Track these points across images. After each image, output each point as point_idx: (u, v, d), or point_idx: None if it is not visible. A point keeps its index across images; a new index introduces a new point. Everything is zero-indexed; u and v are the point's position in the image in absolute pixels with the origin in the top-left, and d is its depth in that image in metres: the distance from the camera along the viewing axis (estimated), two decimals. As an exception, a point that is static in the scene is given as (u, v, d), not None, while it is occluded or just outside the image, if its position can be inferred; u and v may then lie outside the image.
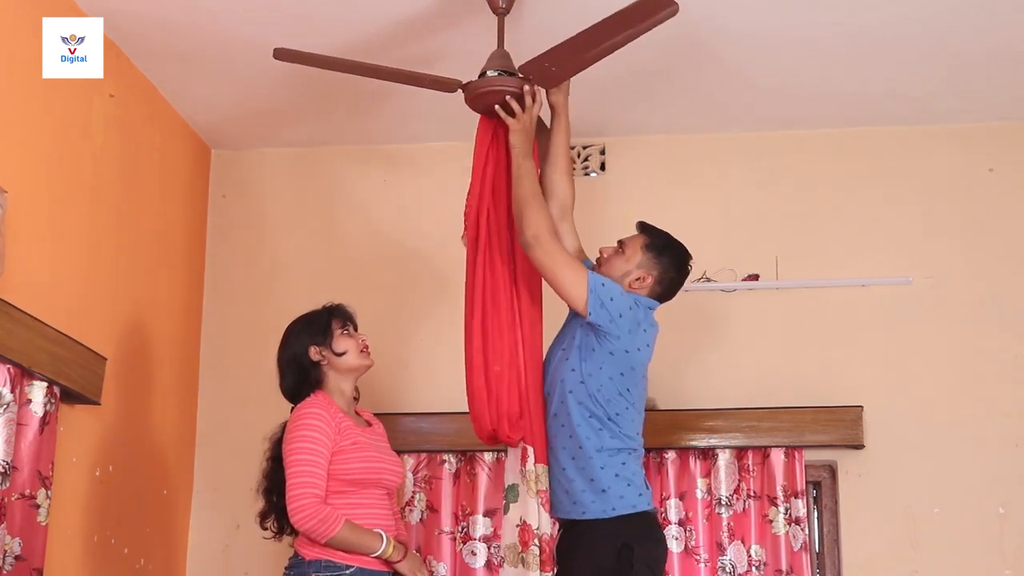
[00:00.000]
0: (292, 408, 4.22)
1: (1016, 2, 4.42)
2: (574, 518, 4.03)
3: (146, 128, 5.09)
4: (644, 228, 4.28)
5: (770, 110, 5.31)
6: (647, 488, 4.08)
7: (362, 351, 4.28)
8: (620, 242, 4.26)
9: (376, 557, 4.04)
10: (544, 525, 4.05)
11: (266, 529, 4.23)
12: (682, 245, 4.29)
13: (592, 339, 4.06)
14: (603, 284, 4.03)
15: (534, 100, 4.15)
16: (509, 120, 4.15)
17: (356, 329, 4.34)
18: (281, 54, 4.19)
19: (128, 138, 4.90)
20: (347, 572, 4.01)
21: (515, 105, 4.12)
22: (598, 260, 4.27)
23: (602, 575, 3.90)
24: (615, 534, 3.93)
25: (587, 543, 3.97)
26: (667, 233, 4.28)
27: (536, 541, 4.00)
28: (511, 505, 4.10)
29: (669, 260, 4.24)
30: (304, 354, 4.24)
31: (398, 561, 4.09)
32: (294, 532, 4.12)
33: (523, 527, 4.04)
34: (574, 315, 4.17)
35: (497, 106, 4.14)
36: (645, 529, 4.01)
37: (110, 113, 4.72)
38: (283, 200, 5.68)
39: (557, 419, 4.10)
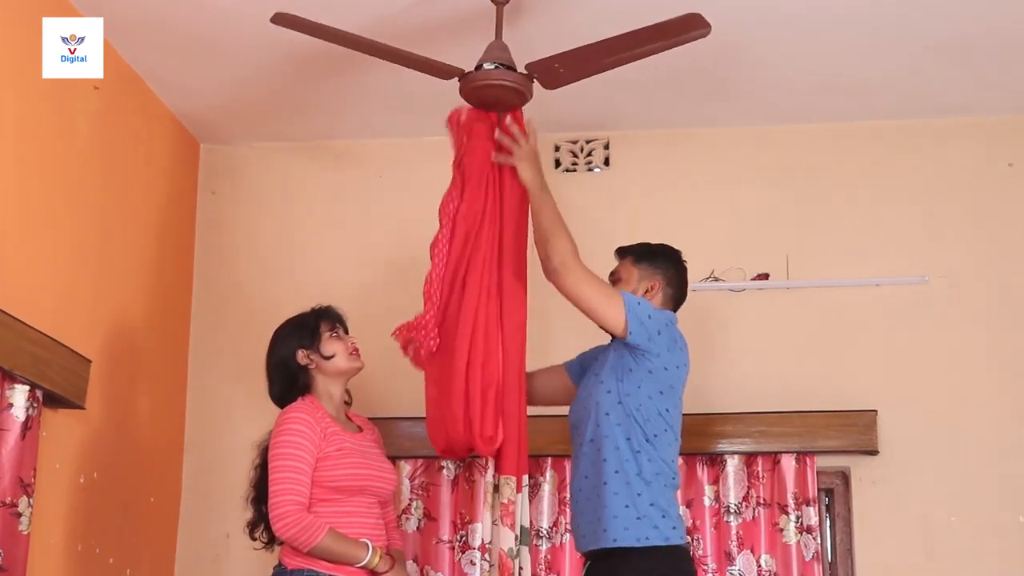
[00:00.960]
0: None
1: None
2: (604, 547, 3.98)
3: (132, 121, 5.11)
4: (623, 249, 4.36)
5: (780, 103, 5.32)
6: (681, 522, 4.08)
7: (351, 354, 4.31)
8: (612, 274, 4.32)
9: (362, 567, 4.07)
10: (503, 541, 4.10)
11: (255, 539, 4.27)
12: (666, 244, 4.38)
13: (629, 359, 4.07)
14: (639, 302, 4.06)
15: (522, 129, 4.24)
16: (511, 159, 4.21)
17: (346, 331, 4.38)
18: (280, 19, 4.18)
19: (113, 131, 4.92)
20: None
21: (513, 132, 4.20)
22: None
23: None
24: (647, 568, 3.92)
25: (609, 567, 3.96)
26: (646, 242, 4.37)
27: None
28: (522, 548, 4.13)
29: (664, 260, 4.31)
30: (292, 358, 4.28)
31: (384, 572, 4.11)
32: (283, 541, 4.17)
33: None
34: (599, 350, 4.24)
35: (494, 154, 4.23)
36: (678, 564, 4.01)
37: (94, 106, 4.75)
38: (275, 196, 5.70)
39: (593, 444, 4.09)
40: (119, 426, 4.87)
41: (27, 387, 4.01)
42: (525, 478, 4.19)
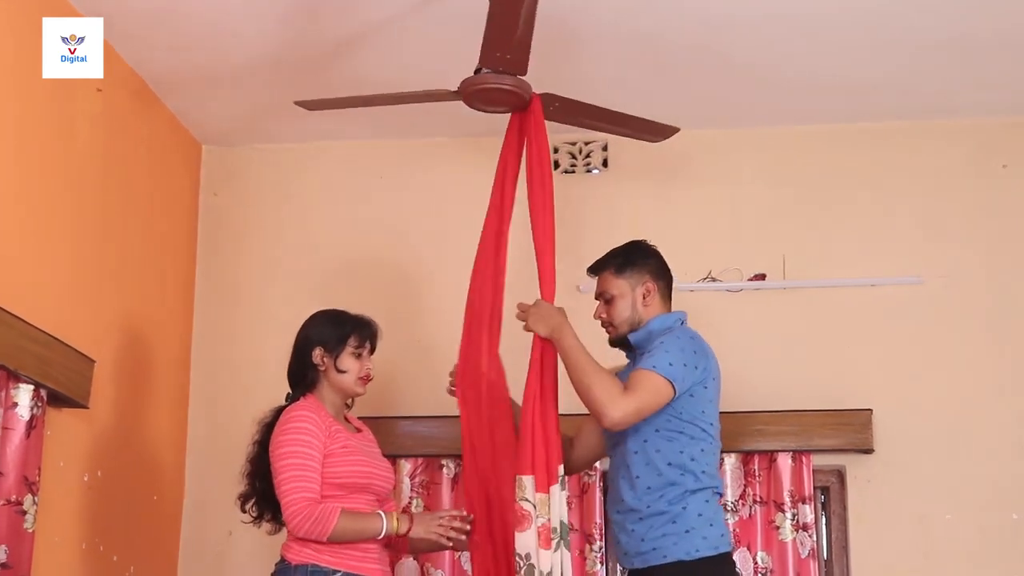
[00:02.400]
0: (283, 406, 4.25)
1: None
2: (653, 564, 3.92)
3: (134, 123, 5.10)
4: (597, 266, 4.27)
5: (777, 104, 5.33)
6: (728, 529, 4.05)
7: (360, 379, 4.27)
8: (601, 294, 4.23)
9: (384, 537, 4.07)
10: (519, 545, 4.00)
11: (245, 512, 4.26)
12: (630, 242, 4.30)
13: None
14: (670, 364, 3.92)
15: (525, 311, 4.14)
16: (531, 327, 4.13)
17: (372, 352, 4.33)
18: (305, 104, 4.36)
19: (115, 133, 4.91)
20: None
21: (523, 307, 4.15)
22: (605, 322, 4.23)
23: None
24: (692, 572, 3.86)
25: None
26: (609, 252, 4.27)
27: None
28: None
29: (641, 257, 4.23)
30: (309, 350, 4.26)
31: (407, 531, 4.10)
32: (275, 520, 4.16)
33: None
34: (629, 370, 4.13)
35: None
36: (723, 569, 3.94)
37: (96, 108, 4.73)
38: (276, 196, 5.69)
39: (635, 463, 4.00)
40: (123, 425, 4.87)
41: (31, 387, 3.99)
42: (562, 476, 4.01)
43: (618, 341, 4.21)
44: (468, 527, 4.18)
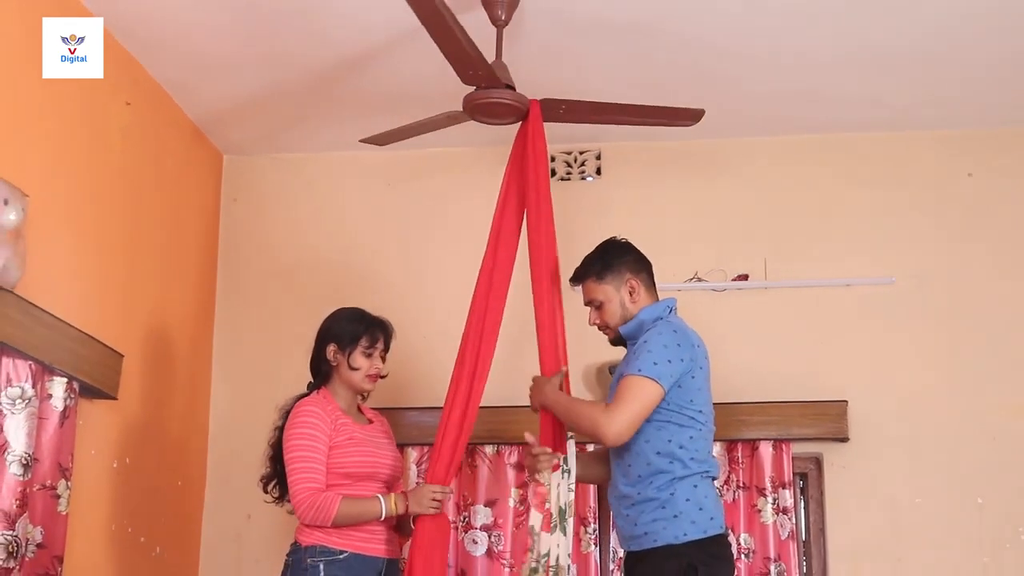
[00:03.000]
0: (303, 395, 4.27)
1: (989, 21, 4.46)
2: (646, 548, 3.87)
3: (160, 134, 5.11)
4: (578, 276, 4.15)
5: (759, 117, 5.33)
6: (719, 510, 3.92)
7: (368, 377, 4.27)
8: (589, 302, 4.13)
9: (387, 519, 4.08)
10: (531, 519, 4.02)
11: (268, 493, 4.28)
12: (602, 245, 4.17)
13: None
14: (654, 363, 3.83)
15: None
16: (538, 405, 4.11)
17: (386, 351, 4.32)
18: (374, 140, 4.45)
19: (143, 144, 4.92)
20: (340, 556, 4.06)
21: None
22: (601, 327, 4.14)
23: None
24: (681, 555, 3.79)
25: (651, 564, 3.86)
26: (585, 259, 4.15)
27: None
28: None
29: (616, 256, 4.11)
30: (324, 346, 4.28)
31: (406, 510, 4.11)
32: None
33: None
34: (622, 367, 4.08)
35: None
36: (714, 550, 3.85)
37: (126, 120, 4.75)
38: (292, 203, 5.69)
39: (629, 445, 3.91)
40: (149, 415, 4.88)
41: (65, 379, 4.02)
42: (565, 465, 4.00)
43: (617, 340, 4.14)
44: (450, 496, 4.27)
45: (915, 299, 5.27)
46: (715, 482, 4.03)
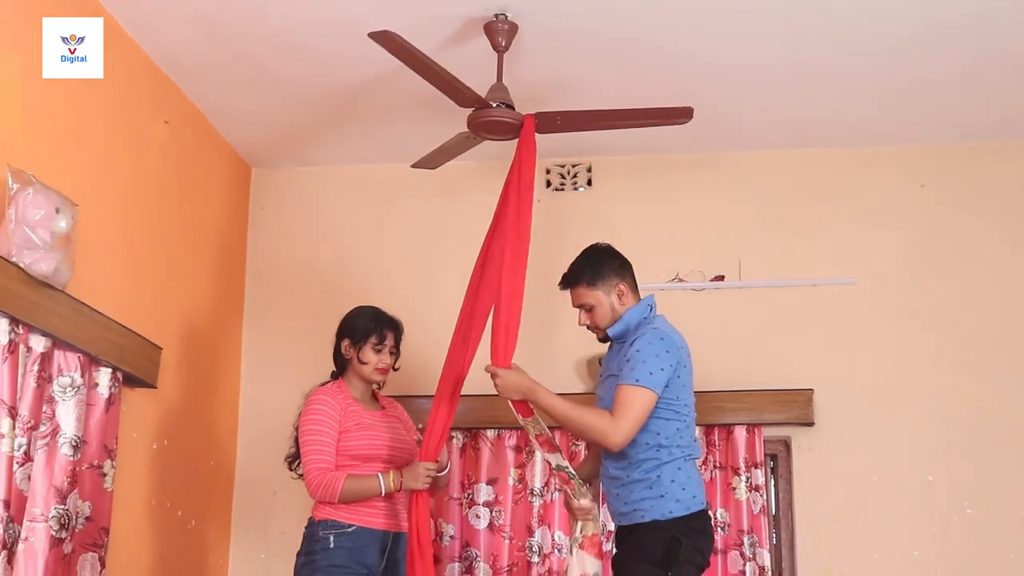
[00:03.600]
0: (325, 383, 4.29)
1: (938, 43, 4.47)
2: (636, 522, 3.88)
3: (196, 150, 5.12)
4: (567, 282, 4.10)
5: (734, 134, 5.34)
6: (700, 489, 3.92)
7: (377, 370, 4.27)
8: (580, 305, 4.08)
9: (386, 495, 4.08)
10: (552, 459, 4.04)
11: (293, 471, 4.30)
12: (586, 251, 4.12)
13: None
14: (650, 374, 3.82)
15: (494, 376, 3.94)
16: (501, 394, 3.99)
17: (396, 345, 4.32)
18: (423, 164, 4.32)
19: (180, 158, 4.93)
20: (348, 530, 4.07)
21: (490, 371, 3.95)
22: (592, 328, 4.11)
23: (652, 562, 3.79)
24: (667, 529, 3.81)
25: (640, 538, 3.87)
26: (573, 265, 4.10)
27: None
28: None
29: (604, 263, 4.07)
30: (340, 341, 4.30)
31: (400, 486, 4.09)
32: None
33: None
34: (610, 360, 4.07)
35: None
36: (694, 524, 3.85)
37: (164, 137, 4.78)
38: (314, 210, 5.70)
39: None
40: (185, 402, 4.90)
41: (110, 370, 4.05)
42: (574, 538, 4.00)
43: (605, 338, 4.11)
44: (442, 473, 4.23)
45: (874, 298, 5.28)
46: (696, 463, 4.03)
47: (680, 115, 3.98)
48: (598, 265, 4.06)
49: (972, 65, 4.64)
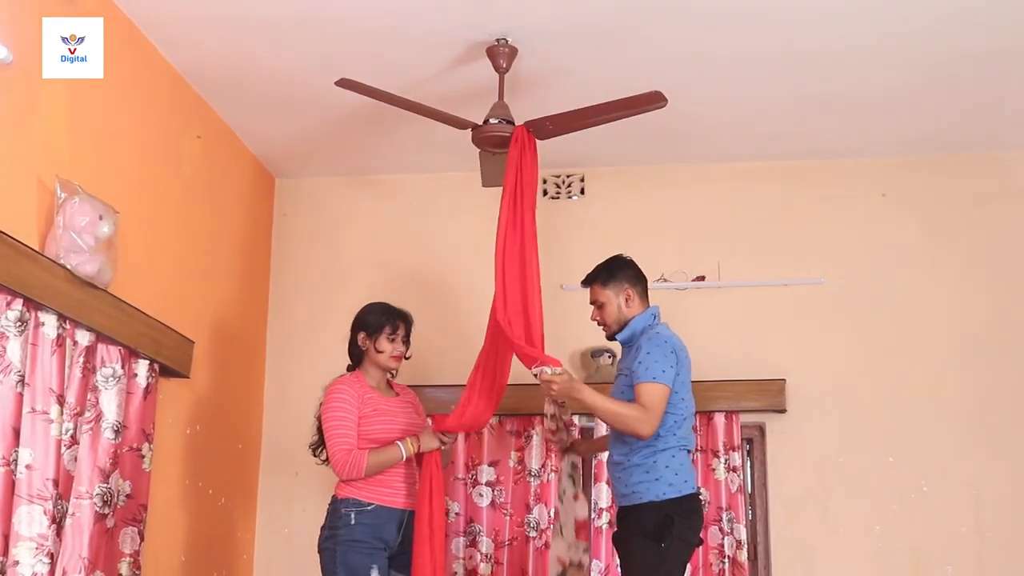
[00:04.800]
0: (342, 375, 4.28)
1: (900, 64, 4.47)
2: (635, 503, 3.95)
3: (224, 161, 5.12)
4: (588, 279, 4.18)
5: (715, 147, 5.33)
6: (692, 476, 3.99)
7: (393, 358, 4.25)
8: (594, 302, 4.16)
9: (407, 461, 4.09)
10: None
11: (316, 456, 4.28)
12: (613, 257, 4.20)
13: None
14: (663, 371, 3.90)
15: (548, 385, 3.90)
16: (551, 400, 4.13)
17: (407, 336, 4.31)
18: (344, 83, 4.11)
19: (210, 169, 4.93)
20: (368, 508, 4.07)
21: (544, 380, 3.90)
22: (601, 324, 4.16)
23: (647, 535, 3.85)
24: (660, 508, 3.88)
25: (637, 516, 3.94)
26: (596, 268, 4.18)
27: None
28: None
29: (619, 269, 4.16)
30: (356, 334, 4.28)
31: (418, 448, 4.11)
32: None
33: None
34: (623, 361, 4.12)
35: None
36: (685, 504, 3.92)
37: (197, 151, 4.78)
38: (332, 217, 5.68)
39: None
40: (216, 391, 4.90)
41: (147, 361, 4.06)
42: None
43: (611, 336, 4.16)
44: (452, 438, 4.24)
45: (840, 297, 5.29)
46: (690, 454, 4.06)
47: (653, 100, 3.97)
48: (614, 269, 4.16)
49: (929, 83, 4.64)
